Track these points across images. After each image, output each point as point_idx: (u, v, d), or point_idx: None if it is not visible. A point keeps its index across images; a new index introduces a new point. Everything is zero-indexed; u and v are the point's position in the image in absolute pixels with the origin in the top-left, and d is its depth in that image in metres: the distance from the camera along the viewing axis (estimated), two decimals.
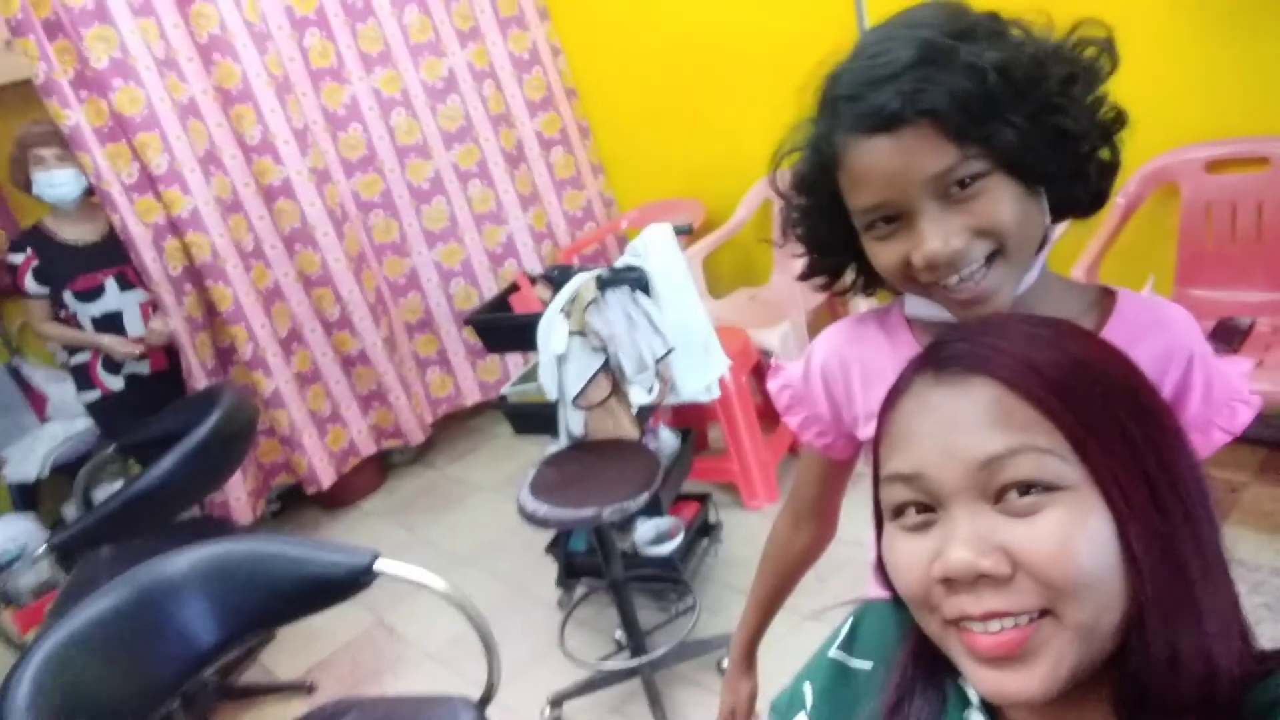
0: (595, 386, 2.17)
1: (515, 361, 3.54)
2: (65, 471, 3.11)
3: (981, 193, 0.71)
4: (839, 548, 1.10)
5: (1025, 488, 0.51)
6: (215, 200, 2.86)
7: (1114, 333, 0.81)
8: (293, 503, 3.43)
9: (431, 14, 3.25)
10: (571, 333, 2.14)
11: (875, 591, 0.73)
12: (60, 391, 3.27)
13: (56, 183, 2.54)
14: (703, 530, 2.54)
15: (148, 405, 2.70)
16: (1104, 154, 0.76)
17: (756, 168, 3.14)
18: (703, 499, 2.59)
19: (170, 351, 2.83)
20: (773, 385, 1.02)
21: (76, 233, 2.65)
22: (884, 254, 0.76)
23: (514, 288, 2.65)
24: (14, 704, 1.07)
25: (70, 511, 3.18)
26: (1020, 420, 0.52)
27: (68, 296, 2.63)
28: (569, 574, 2.52)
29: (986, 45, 0.70)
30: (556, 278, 2.27)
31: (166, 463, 2.03)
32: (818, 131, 0.77)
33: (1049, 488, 0.51)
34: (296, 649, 2.60)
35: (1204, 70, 2.17)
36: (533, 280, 2.64)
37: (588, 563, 2.45)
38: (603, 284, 2.14)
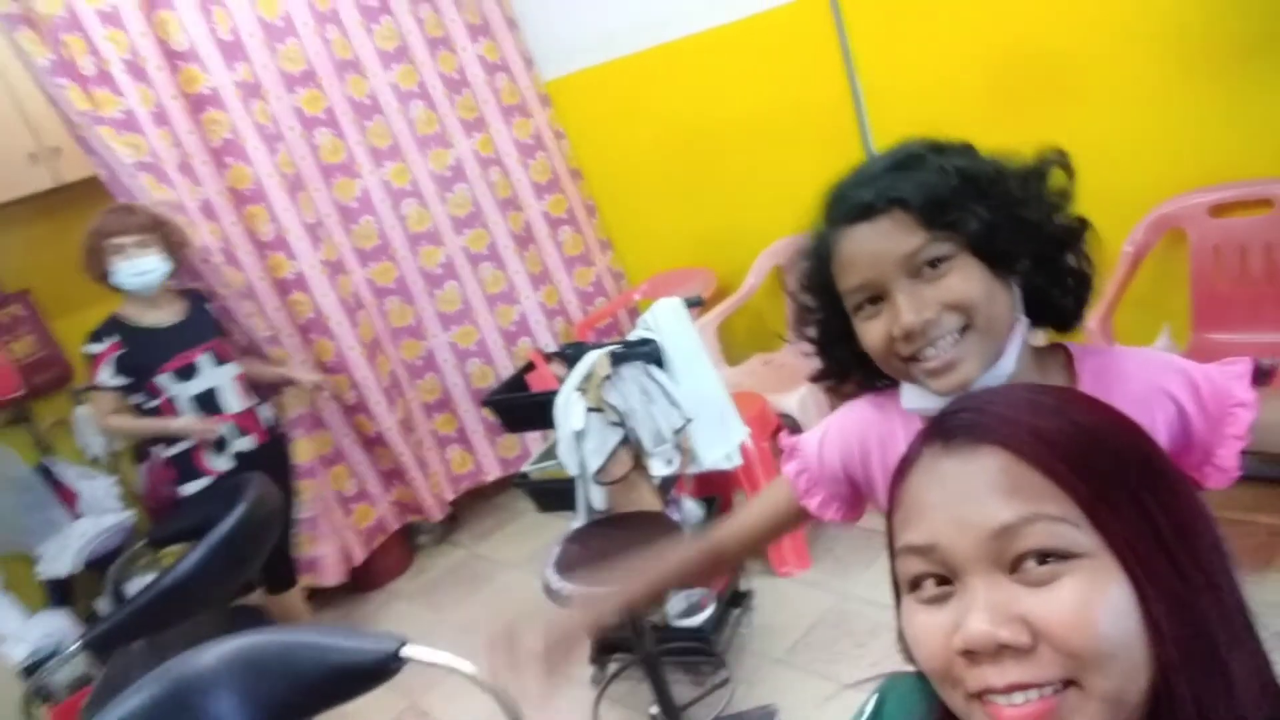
0: (616, 461, 2.18)
1: (534, 437, 3.56)
2: (97, 566, 3.14)
3: (950, 271, 0.81)
4: (874, 610, 1.09)
5: (1041, 557, 0.51)
6: (234, 295, 2.93)
7: (1087, 388, 0.85)
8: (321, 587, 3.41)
9: (436, 107, 3.36)
10: (589, 409, 2.16)
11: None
12: (90, 488, 3.31)
13: (141, 270, 2.50)
14: (734, 600, 2.51)
15: None
16: (1075, 262, 0.87)
17: (764, 234, 3.22)
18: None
19: (266, 422, 2.77)
20: (789, 469, 1.04)
21: (157, 317, 2.60)
22: (871, 333, 0.86)
23: (530, 367, 2.68)
24: None
25: (103, 606, 3.19)
26: (1031, 489, 0.52)
27: (164, 380, 2.56)
28: (601, 650, 2.49)
29: (955, 156, 0.84)
30: (570, 355, 2.30)
31: (194, 556, 2.04)
32: (817, 235, 0.90)
33: (1065, 556, 0.51)
34: None
35: (1203, 116, 2.19)
36: (547, 358, 2.67)
37: (619, 638, 2.42)
38: (616, 359, 2.16)
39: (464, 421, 3.53)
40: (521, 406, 2.60)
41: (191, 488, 2.63)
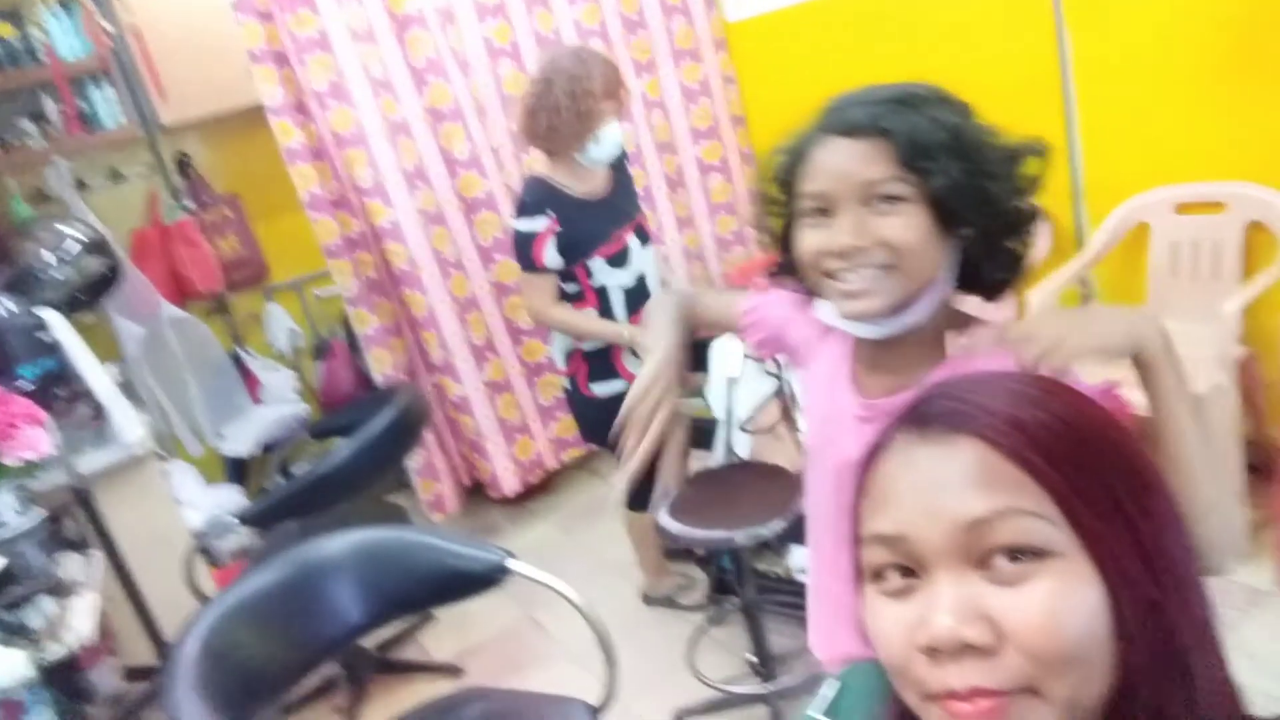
0: (765, 412, 2.17)
1: None
2: (271, 450, 3.47)
3: (898, 213, 0.86)
4: None
5: (1013, 553, 0.49)
6: (418, 213, 3.07)
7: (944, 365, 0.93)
8: (468, 496, 3.62)
9: (611, 47, 3.34)
10: (746, 356, 2.14)
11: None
12: (273, 379, 3.64)
13: (616, 140, 2.20)
14: None
15: None
16: (1015, 244, 0.91)
17: None
18: None
19: None
20: (747, 304, 1.16)
21: (591, 186, 2.24)
22: (806, 240, 0.91)
23: None
24: (184, 654, 1.23)
25: (272, 486, 3.53)
26: (1006, 482, 0.50)
27: (597, 265, 2.22)
28: (718, 590, 2.53)
29: (954, 112, 0.87)
30: None
31: (344, 450, 2.23)
32: (801, 133, 0.94)
33: (1038, 554, 0.49)
34: (452, 632, 2.77)
35: (1181, 117, 2.29)
36: None
37: (737, 581, 2.46)
38: None
39: None
40: None
41: (602, 389, 2.33)
